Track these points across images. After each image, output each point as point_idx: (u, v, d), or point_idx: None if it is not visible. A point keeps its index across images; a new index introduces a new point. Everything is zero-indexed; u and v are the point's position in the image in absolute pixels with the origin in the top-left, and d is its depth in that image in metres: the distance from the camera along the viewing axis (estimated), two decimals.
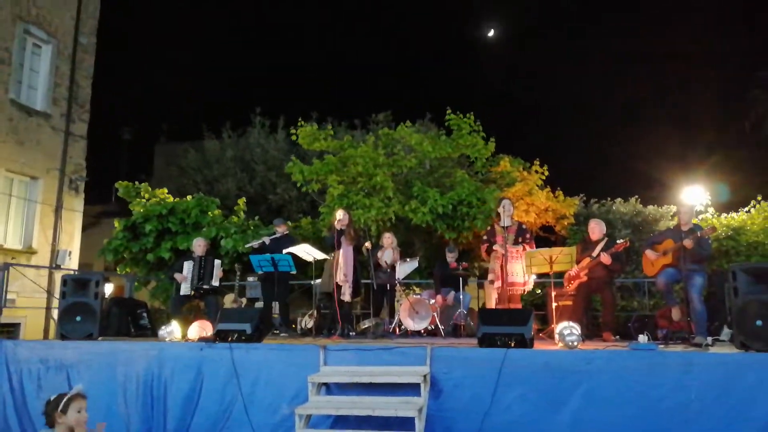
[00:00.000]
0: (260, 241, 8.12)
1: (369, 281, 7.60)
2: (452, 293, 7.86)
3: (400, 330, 7.48)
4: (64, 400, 3.28)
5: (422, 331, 7.33)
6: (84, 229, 13.80)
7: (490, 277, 7.17)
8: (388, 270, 7.71)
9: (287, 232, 8.40)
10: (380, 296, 7.70)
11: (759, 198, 10.43)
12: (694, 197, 11.32)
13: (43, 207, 12.30)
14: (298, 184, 10.81)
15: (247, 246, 8.91)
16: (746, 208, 10.49)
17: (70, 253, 12.54)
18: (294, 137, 11.24)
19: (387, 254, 7.75)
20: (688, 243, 5.86)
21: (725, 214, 10.58)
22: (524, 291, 7.15)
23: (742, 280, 4.94)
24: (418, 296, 7.62)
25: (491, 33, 23.49)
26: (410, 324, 7.32)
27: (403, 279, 7.97)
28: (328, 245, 7.29)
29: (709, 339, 5.73)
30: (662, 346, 5.53)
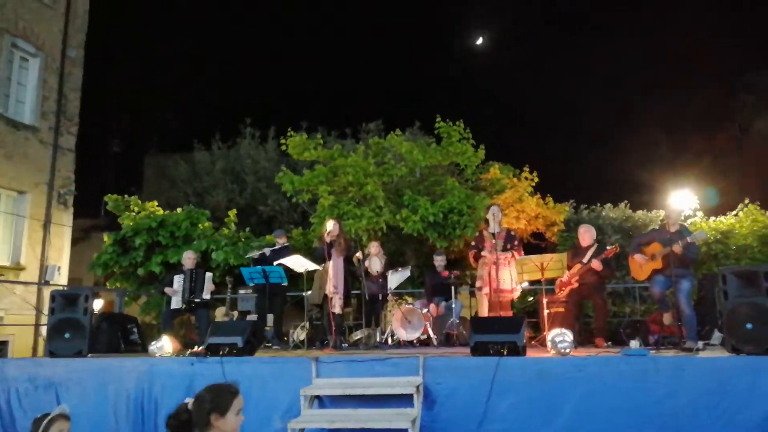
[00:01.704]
0: (261, 252, 8.12)
1: (359, 292, 7.58)
2: (443, 302, 7.85)
3: (392, 340, 7.45)
4: (45, 421, 3.19)
5: (415, 341, 7.30)
6: (73, 243, 13.68)
7: (477, 283, 7.19)
8: (380, 280, 7.69)
9: (287, 243, 8.41)
10: (372, 306, 7.67)
11: (747, 201, 10.51)
12: (683, 201, 11.39)
13: (31, 222, 12.19)
14: (289, 195, 10.79)
15: (247, 257, 8.88)
16: (734, 212, 10.57)
17: (59, 268, 12.42)
18: (284, 147, 11.23)
19: (374, 262, 7.73)
20: (677, 248, 5.89)
21: (714, 218, 10.65)
22: (513, 298, 7.15)
23: (732, 284, 4.97)
24: (410, 306, 7.60)
25: (480, 41, 23.67)
26: (402, 334, 7.29)
27: (394, 289, 7.95)
28: (318, 257, 7.27)
29: (700, 343, 5.75)
30: (654, 351, 5.55)
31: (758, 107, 18.04)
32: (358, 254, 7.12)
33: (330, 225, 7.15)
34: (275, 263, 7.44)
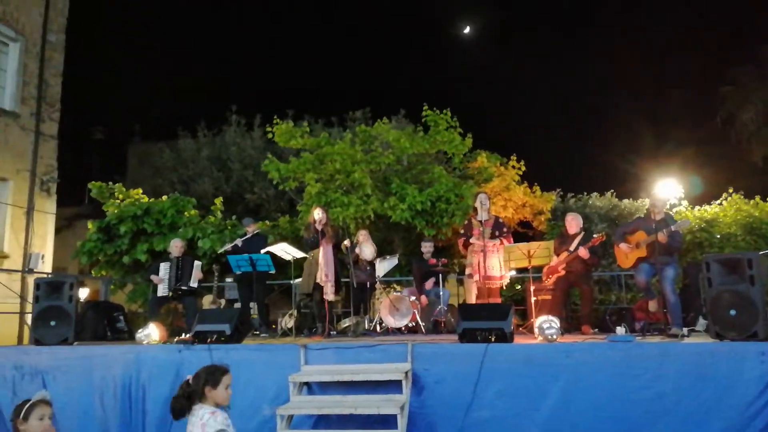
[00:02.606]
0: (233, 244, 8.06)
1: (348, 279, 7.58)
2: (432, 289, 7.87)
3: (380, 328, 7.48)
4: (26, 407, 3.13)
5: (403, 329, 7.33)
6: (57, 231, 13.50)
7: (467, 270, 7.20)
8: (368, 268, 7.69)
9: (257, 230, 8.34)
10: (360, 294, 7.68)
11: (730, 191, 10.65)
12: (668, 190, 11.52)
13: (13, 209, 12.01)
14: (275, 182, 10.72)
15: (219, 251, 8.84)
16: (719, 201, 10.71)
17: (43, 256, 12.27)
18: (270, 135, 11.15)
19: (365, 248, 7.70)
20: (661, 237, 5.94)
21: (698, 207, 10.78)
22: (501, 285, 7.20)
23: (716, 271, 5.04)
24: (398, 294, 7.61)
25: (467, 30, 23.61)
26: (391, 321, 7.32)
27: (383, 277, 7.96)
28: (308, 246, 7.24)
29: (685, 330, 5.83)
30: (639, 337, 5.61)
31: (741, 98, 18.23)
32: (346, 242, 7.11)
33: (318, 213, 7.12)
34: (263, 251, 7.40)
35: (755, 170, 17.50)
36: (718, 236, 9.74)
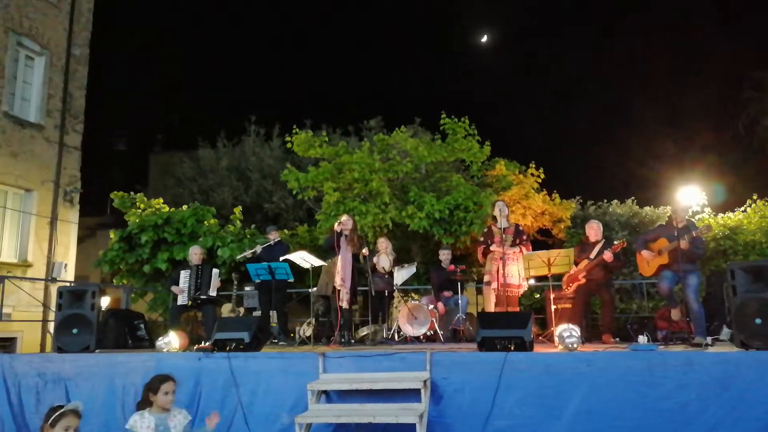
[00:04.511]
0: (252, 251, 8.10)
1: (366, 288, 7.57)
2: (450, 297, 7.83)
3: (399, 336, 7.45)
4: (55, 414, 3.21)
5: (421, 337, 7.30)
6: (80, 241, 13.74)
7: (486, 278, 7.16)
8: (386, 276, 7.68)
9: (279, 238, 8.37)
10: (378, 303, 7.66)
11: (755, 197, 10.47)
12: (691, 198, 11.35)
13: (38, 219, 12.24)
14: (294, 192, 10.78)
15: (238, 258, 8.88)
16: (742, 208, 10.53)
17: (65, 265, 12.47)
18: (289, 145, 11.22)
19: (382, 259, 7.70)
20: (684, 244, 5.86)
21: (722, 214, 10.61)
22: (519, 293, 7.14)
23: (741, 279, 4.94)
24: (417, 302, 7.59)
25: (485, 38, 23.60)
26: (409, 330, 7.29)
27: (401, 285, 7.94)
28: (326, 246, 7.25)
29: (709, 339, 5.72)
30: (662, 346, 5.52)
31: (764, 103, 17.93)
32: (365, 251, 7.10)
33: (344, 218, 7.13)
34: (281, 259, 7.43)
35: None
36: (742, 244, 9.57)
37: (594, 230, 7.08)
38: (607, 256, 6.69)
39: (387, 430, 4.60)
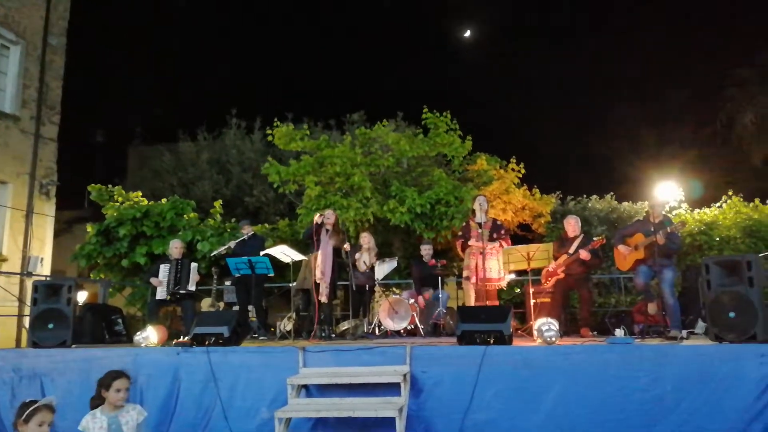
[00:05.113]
0: (226, 247, 8.05)
1: (347, 283, 7.56)
2: (431, 291, 7.86)
3: (379, 331, 7.46)
4: (29, 410, 3.16)
5: (402, 331, 7.31)
6: (56, 235, 13.50)
7: (465, 273, 7.21)
8: (367, 270, 7.68)
9: (252, 232, 8.32)
10: (359, 297, 7.66)
11: (730, 193, 10.65)
12: (668, 193, 11.51)
13: (13, 212, 12.01)
14: (275, 185, 10.72)
15: (213, 254, 8.81)
16: (718, 204, 10.71)
17: (41, 259, 12.26)
18: (270, 138, 11.15)
19: (364, 257, 7.70)
20: (659, 239, 5.94)
21: (698, 210, 10.78)
22: (500, 287, 7.19)
23: (715, 273, 5.03)
24: (398, 296, 7.60)
25: (467, 33, 23.63)
26: (390, 324, 7.31)
27: (382, 279, 7.94)
28: (305, 236, 7.22)
29: (684, 332, 5.83)
30: (638, 340, 5.60)
31: (742, 101, 18.21)
32: (346, 246, 7.09)
33: (328, 211, 7.14)
34: (262, 253, 7.39)
35: (755, 173, 17.47)
36: (718, 239, 9.74)
37: (572, 225, 7.16)
38: (583, 254, 6.77)
39: (367, 424, 4.62)
